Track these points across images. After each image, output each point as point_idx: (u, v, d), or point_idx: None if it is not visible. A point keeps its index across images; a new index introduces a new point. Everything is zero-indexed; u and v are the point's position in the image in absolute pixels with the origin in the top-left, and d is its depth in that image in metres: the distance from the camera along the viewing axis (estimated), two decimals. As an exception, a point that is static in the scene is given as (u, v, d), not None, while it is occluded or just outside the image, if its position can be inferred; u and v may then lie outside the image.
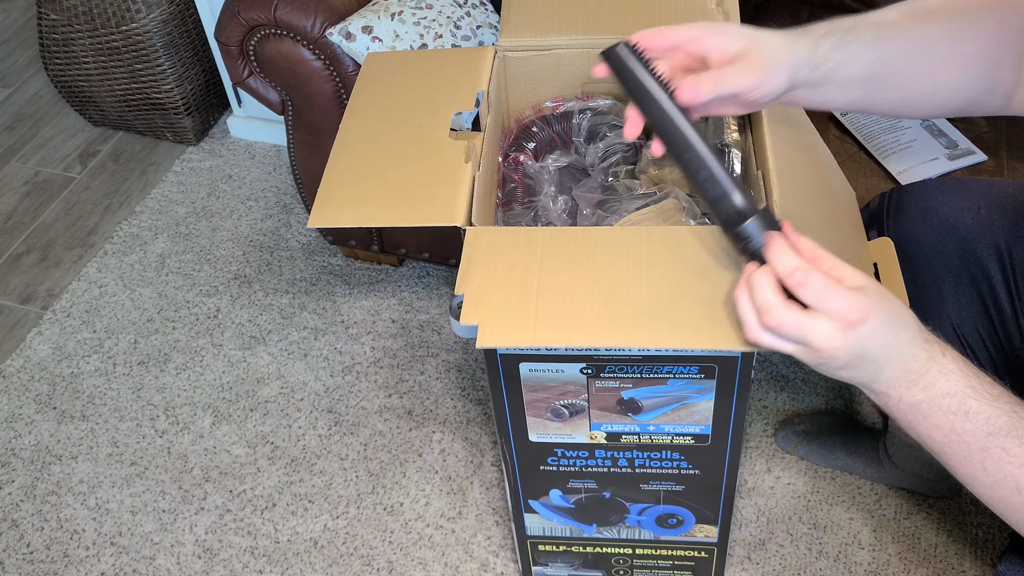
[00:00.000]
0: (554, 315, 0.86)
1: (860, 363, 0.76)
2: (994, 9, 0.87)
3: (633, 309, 0.86)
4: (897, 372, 0.76)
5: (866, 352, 0.75)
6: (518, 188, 1.08)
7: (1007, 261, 1.13)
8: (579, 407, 1.02)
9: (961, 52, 0.86)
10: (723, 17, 1.09)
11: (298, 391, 1.75)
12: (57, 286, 2.01)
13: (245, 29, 1.54)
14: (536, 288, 0.87)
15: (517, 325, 0.86)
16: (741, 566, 1.45)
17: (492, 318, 0.87)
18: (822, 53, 0.82)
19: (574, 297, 0.86)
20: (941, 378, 0.75)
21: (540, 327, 0.85)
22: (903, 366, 0.76)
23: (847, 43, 0.83)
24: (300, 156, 1.74)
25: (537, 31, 1.13)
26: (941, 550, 1.45)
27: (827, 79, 0.84)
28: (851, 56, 0.83)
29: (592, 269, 0.88)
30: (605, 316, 0.85)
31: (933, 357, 0.75)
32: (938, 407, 0.76)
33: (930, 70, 0.86)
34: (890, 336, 0.75)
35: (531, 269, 0.88)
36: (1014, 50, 0.87)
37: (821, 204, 0.99)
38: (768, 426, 1.62)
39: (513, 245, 0.89)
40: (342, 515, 1.56)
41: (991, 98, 0.89)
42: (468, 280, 0.89)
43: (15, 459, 1.68)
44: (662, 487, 1.15)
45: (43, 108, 2.51)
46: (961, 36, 0.86)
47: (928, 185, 1.23)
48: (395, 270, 1.96)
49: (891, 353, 0.76)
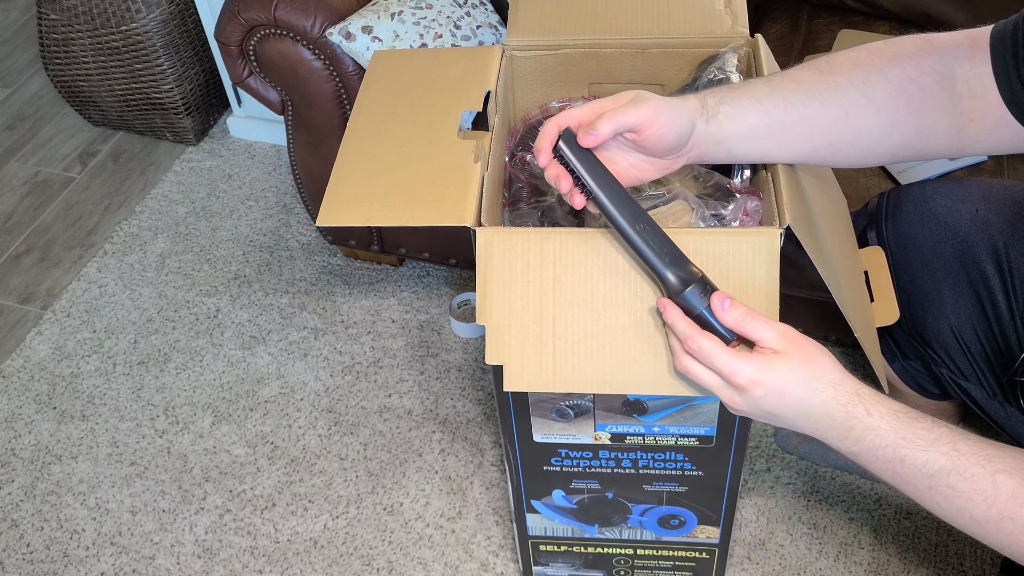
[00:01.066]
0: (570, 357, 0.91)
1: (771, 417, 0.82)
2: (906, 56, 0.89)
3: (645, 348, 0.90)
4: (822, 427, 0.82)
5: (770, 411, 0.81)
6: (524, 188, 1.08)
7: (1005, 264, 1.13)
8: (584, 408, 1.02)
9: (873, 97, 0.88)
10: (731, 18, 1.09)
11: (298, 391, 1.75)
12: (57, 286, 2.01)
13: (245, 29, 1.54)
14: (552, 324, 0.90)
15: (537, 370, 0.91)
16: (741, 566, 1.46)
17: (514, 361, 0.91)
18: (711, 105, 0.86)
19: (588, 337, 0.90)
20: (869, 433, 0.79)
21: (559, 371, 0.91)
22: (826, 423, 0.81)
23: (734, 98, 0.87)
24: (300, 156, 1.74)
25: (544, 31, 1.13)
26: (941, 550, 1.45)
27: (725, 131, 0.87)
28: (742, 108, 0.87)
29: (604, 291, 0.90)
30: (620, 356, 0.90)
31: (855, 416, 0.79)
32: (874, 457, 0.80)
33: (843, 115, 0.88)
34: (791, 400, 0.80)
35: (545, 295, 0.90)
36: (942, 94, 0.89)
37: (822, 212, 0.99)
38: (768, 426, 1.62)
39: (525, 261, 0.90)
40: (342, 515, 1.56)
41: (931, 141, 0.91)
42: (487, 311, 0.91)
43: (15, 459, 1.68)
44: (665, 488, 1.15)
45: (43, 108, 2.51)
46: (868, 83, 0.88)
47: (926, 186, 1.24)
48: (395, 270, 1.96)
49: (804, 412, 0.81)
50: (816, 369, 0.80)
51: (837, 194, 1.12)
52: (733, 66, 1.07)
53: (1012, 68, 0.86)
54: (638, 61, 1.14)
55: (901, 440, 0.78)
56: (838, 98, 0.88)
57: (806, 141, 0.90)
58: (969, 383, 1.21)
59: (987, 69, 0.88)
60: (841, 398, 0.80)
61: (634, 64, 1.15)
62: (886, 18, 1.73)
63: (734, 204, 0.99)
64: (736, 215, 0.99)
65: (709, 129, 0.86)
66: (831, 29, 1.71)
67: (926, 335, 1.22)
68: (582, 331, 0.90)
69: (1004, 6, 1.58)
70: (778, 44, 1.73)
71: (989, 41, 0.88)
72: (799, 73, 0.90)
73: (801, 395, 0.80)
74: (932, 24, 1.68)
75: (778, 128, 0.88)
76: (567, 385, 0.91)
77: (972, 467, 0.77)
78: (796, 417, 0.82)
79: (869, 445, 0.79)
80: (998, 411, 1.19)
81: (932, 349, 1.23)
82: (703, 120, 0.86)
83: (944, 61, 0.89)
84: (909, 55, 0.89)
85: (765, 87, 0.88)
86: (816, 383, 0.80)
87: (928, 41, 0.90)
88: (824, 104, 0.88)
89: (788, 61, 1.67)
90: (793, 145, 0.90)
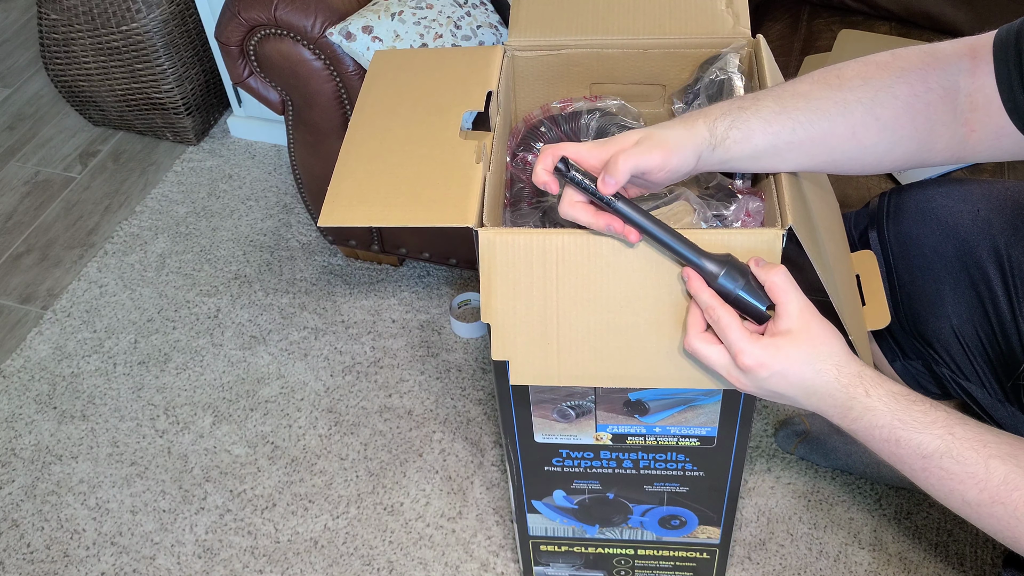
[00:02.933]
0: (575, 351, 0.92)
1: (775, 397, 0.86)
2: (912, 71, 0.89)
3: (649, 341, 0.90)
4: (823, 406, 0.84)
5: (774, 391, 0.84)
6: (526, 188, 1.08)
7: (1006, 264, 1.13)
8: (586, 408, 1.02)
9: (880, 116, 0.89)
10: (732, 18, 1.09)
11: (298, 391, 1.75)
12: (57, 286, 2.01)
13: (245, 29, 1.53)
14: (556, 320, 0.91)
15: (542, 363, 0.92)
16: (741, 566, 1.46)
17: (520, 355, 0.92)
18: (720, 133, 0.86)
19: (592, 334, 0.91)
20: (867, 414, 0.82)
21: (563, 365, 0.92)
22: (827, 402, 0.84)
23: (744, 120, 0.87)
24: (300, 156, 1.74)
25: (546, 31, 1.13)
26: (941, 550, 1.45)
27: (731, 155, 0.88)
28: (751, 131, 0.87)
29: (607, 290, 0.90)
30: (624, 350, 0.91)
31: (854, 397, 0.82)
32: (871, 436, 0.83)
33: (850, 135, 0.89)
34: (795, 380, 0.83)
35: (549, 294, 0.90)
36: (945, 108, 0.89)
37: (820, 215, 1.00)
38: (768, 426, 1.62)
39: (528, 262, 0.90)
40: (342, 515, 1.56)
41: (932, 154, 0.92)
42: (491, 309, 0.91)
43: (15, 459, 1.68)
44: (666, 488, 1.15)
45: (43, 108, 2.51)
46: (877, 101, 0.88)
47: (927, 186, 1.24)
48: (395, 270, 1.96)
49: (807, 391, 0.84)
50: (823, 350, 0.82)
51: (831, 198, 1.13)
52: (735, 67, 1.07)
53: (1016, 78, 0.86)
54: (639, 61, 1.14)
55: (896, 421, 0.81)
56: (846, 117, 0.88)
57: (810, 158, 0.91)
58: (970, 383, 1.21)
59: (989, 81, 0.88)
60: (843, 379, 0.82)
61: (635, 64, 1.15)
62: (886, 18, 1.73)
63: (736, 205, 0.99)
64: (738, 216, 0.99)
65: (715, 156, 0.87)
66: (831, 29, 1.71)
67: (927, 335, 1.23)
68: (585, 328, 0.91)
69: (1004, 6, 1.59)
70: (778, 44, 1.73)
71: (992, 50, 0.88)
72: (809, 88, 0.90)
73: (804, 375, 0.82)
74: (932, 24, 1.68)
75: (783, 148, 0.89)
76: (572, 379, 0.92)
77: (966, 451, 0.78)
78: (800, 396, 0.84)
79: (866, 424, 0.82)
80: (999, 411, 1.19)
81: (933, 349, 1.23)
82: (709, 150, 0.86)
83: (948, 75, 0.89)
84: (915, 70, 0.89)
85: (775, 106, 0.88)
86: (820, 364, 0.82)
87: (932, 55, 0.90)
88: (832, 123, 0.88)
89: (788, 61, 1.67)
90: (796, 161, 0.91)
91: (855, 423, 0.83)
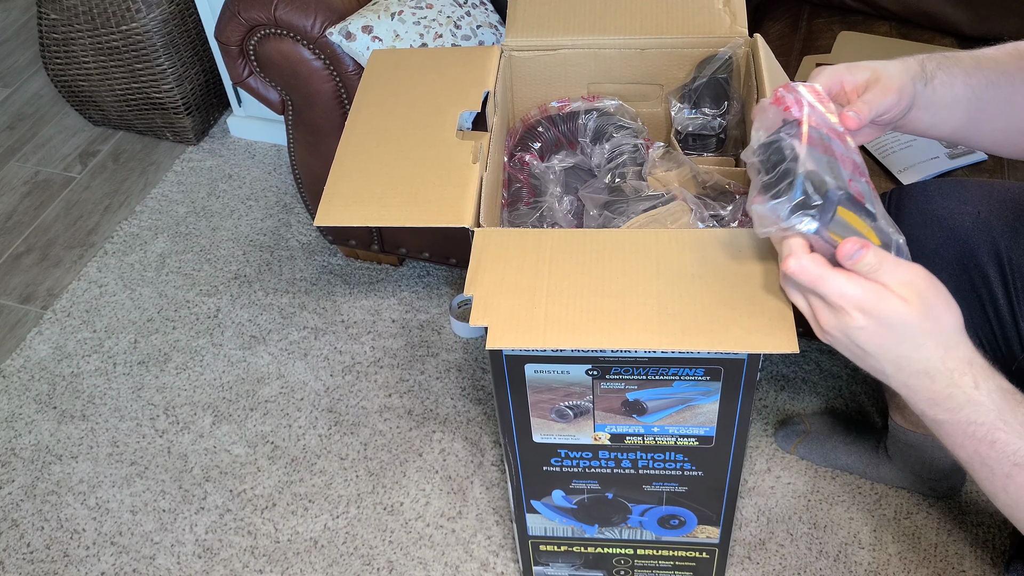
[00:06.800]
0: (563, 317, 0.86)
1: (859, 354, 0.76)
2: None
3: (642, 312, 0.86)
4: (913, 384, 0.76)
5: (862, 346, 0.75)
6: (523, 188, 1.08)
7: (1006, 266, 1.13)
8: (584, 408, 1.02)
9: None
10: (730, 17, 1.09)
11: (298, 391, 1.75)
12: (57, 286, 2.01)
13: (245, 29, 1.54)
14: (545, 291, 0.87)
15: (526, 327, 0.86)
16: (741, 566, 1.46)
17: (501, 320, 0.87)
18: (929, 70, 0.89)
19: (583, 300, 0.87)
20: (968, 407, 0.74)
21: (549, 329, 0.86)
22: (921, 381, 0.75)
23: (949, 65, 0.90)
24: (300, 156, 1.74)
25: (543, 31, 1.13)
26: (941, 550, 1.45)
27: (937, 96, 0.89)
28: (954, 77, 0.89)
29: (600, 272, 0.88)
30: (614, 319, 0.86)
31: (958, 385, 0.74)
32: (962, 432, 0.75)
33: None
34: (892, 342, 0.74)
35: (540, 272, 0.88)
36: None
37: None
38: (768, 426, 1.62)
39: (521, 248, 0.89)
40: (342, 515, 1.56)
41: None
42: (477, 283, 0.89)
43: (15, 459, 1.68)
44: (665, 488, 1.15)
45: (43, 108, 2.51)
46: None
47: (928, 187, 1.23)
48: (395, 270, 1.96)
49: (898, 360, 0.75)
50: (932, 325, 0.73)
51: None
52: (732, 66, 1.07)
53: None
54: (637, 61, 1.14)
55: (1000, 422, 0.74)
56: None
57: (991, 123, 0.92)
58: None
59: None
60: (949, 363, 0.74)
61: (633, 64, 1.15)
62: (886, 18, 1.73)
63: (733, 205, 0.99)
64: (735, 216, 0.99)
65: (925, 93, 0.89)
66: (831, 29, 1.71)
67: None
68: (576, 293, 0.87)
69: (1004, 6, 1.58)
70: (778, 44, 1.73)
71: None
72: (996, 54, 0.92)
73: (902, 341, 0.73)
74: (932, 24, 1.67)
75: (975, 104, 0.90)
76: (558, 341, 0.87)
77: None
78: (888, 363, 0.75)
79: (963, 418, 0.74)
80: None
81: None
82: (922, 83, 0.88)
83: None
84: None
85: (971, 61, 0.91)
86: (924, 339, 0.73)
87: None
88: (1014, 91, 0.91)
89: (788, 61, 1.67)
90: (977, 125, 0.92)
91: (947, 413, 0.75)
